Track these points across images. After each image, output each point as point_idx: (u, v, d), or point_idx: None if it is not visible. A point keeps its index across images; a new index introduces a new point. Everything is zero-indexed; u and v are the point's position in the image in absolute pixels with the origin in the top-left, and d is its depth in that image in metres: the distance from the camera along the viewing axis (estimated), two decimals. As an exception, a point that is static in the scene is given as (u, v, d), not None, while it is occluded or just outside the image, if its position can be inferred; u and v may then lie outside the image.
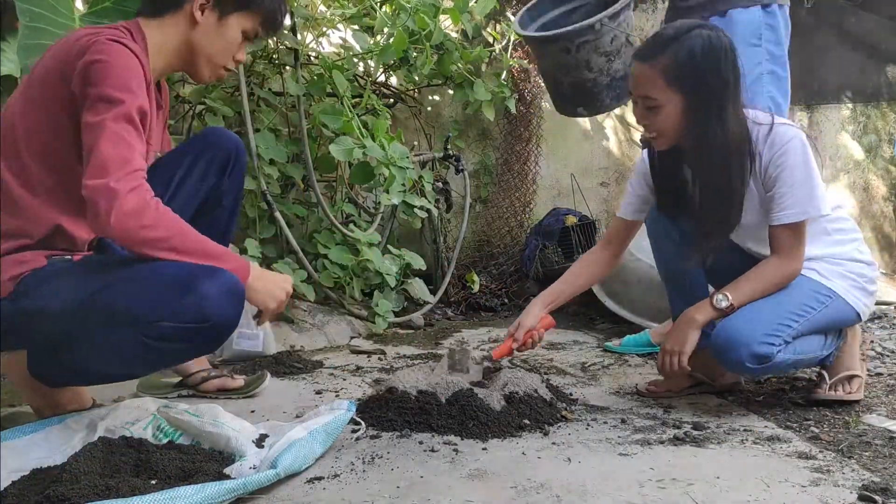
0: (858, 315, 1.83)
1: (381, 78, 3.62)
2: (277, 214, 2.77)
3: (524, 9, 2.78)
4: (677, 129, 1.72)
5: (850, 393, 1.85)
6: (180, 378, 1.95)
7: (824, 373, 1.87)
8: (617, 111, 4.41)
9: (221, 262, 1.43)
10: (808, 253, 1.78)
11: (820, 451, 1.50)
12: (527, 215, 4.03)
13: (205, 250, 1.42)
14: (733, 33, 2.02)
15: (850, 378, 1.87)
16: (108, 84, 1.40)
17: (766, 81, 2.37)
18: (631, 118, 4.37)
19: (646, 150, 1.92)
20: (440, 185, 3.63)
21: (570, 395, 1.96)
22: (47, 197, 1.47)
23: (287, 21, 1.71)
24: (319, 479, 1.35)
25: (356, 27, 3.17)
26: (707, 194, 1.77)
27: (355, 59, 3.19)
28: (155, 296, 1.37)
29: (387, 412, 1.68)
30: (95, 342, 1.40)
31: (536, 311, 1.93)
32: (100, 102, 1.39)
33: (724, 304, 1.73)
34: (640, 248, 2.87)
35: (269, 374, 2.03)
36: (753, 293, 1.74)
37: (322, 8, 3.20)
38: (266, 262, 2.73)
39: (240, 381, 1.98)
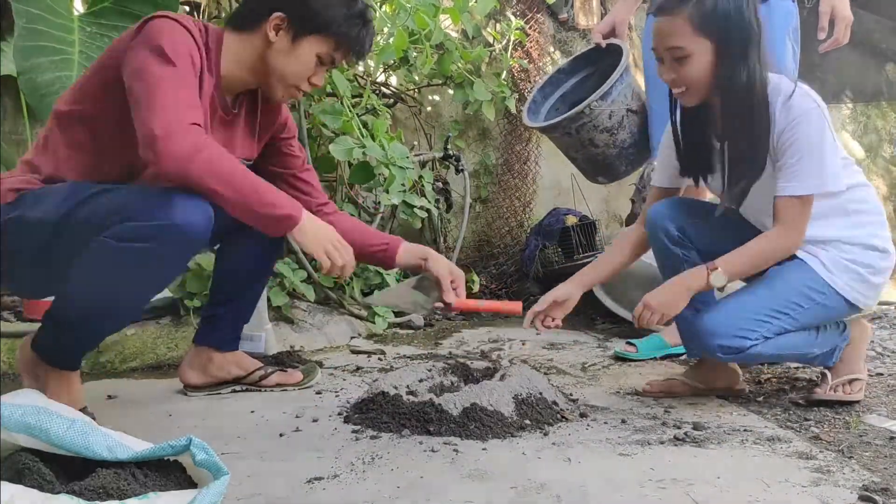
0: (855, 307, 1.81)
1: (381, 78, 3.62)
2: (277, 214, 2.77)
3: (535, 89, 2.79)
4: (707, 78, 1.70)
5: (849, 394, 1.85)
6: (234, 376, 1.99)
7: (827, 373, 1.87)
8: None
9: (273, 207, 1.49)
10: (819, 234, 1.76)
11: (820, 451, 1.50)
12: (527, 215, 4.03)
13: (257, 191, 1.48)
14: (771, 22, 2.02)
15: (852, 380, 1.87)
16: (161, 40, 1.48)
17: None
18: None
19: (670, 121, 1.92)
20: (440, 185, 3.63)
21: (570, 395, 1.96)
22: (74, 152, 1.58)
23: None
24: (319, 479, 1.35)
25: (356, 27, 3.17)
26: (735, 141, 1.74)
27: (355, 59, 3.19)
28: (125, 201, 1.46)
29: (381, 414, 1.67)
30: (69, 260, 1.48)
31: (569, 290, 1.91)
32: (150, 54, 1.47)
33: (719, 282, 1.70)
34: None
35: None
36: (744, 267, 1.72)
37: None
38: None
39: (298, 375, 2.07)
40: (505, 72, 3.76)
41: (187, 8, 3.27)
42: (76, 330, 1.60)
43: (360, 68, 3.34)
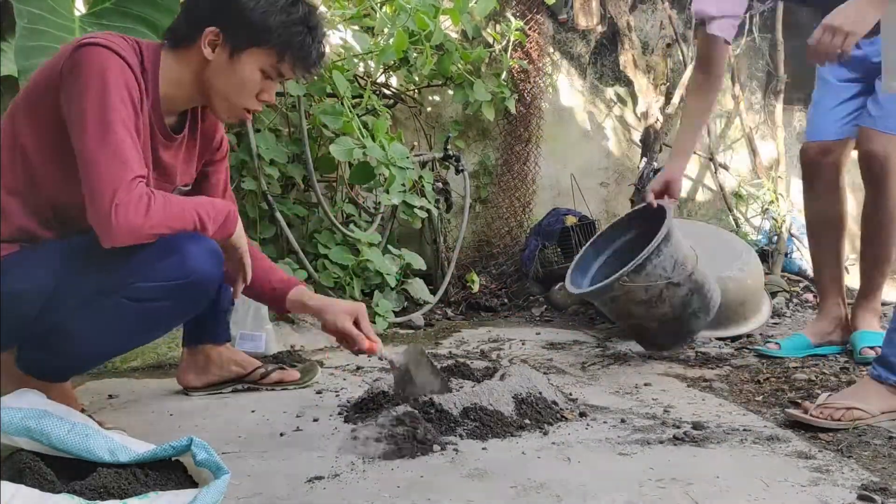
0: None
1: (382, 78, 3.62)
2: (278, 215, 2.78)
3: (587, 244, 2.59)
4: None
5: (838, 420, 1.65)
6: (235, 374, 1.99)
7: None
8: (617, 111, 4.42)
9: (219, 215, 1.48)
10: None
11: (819, 451, 1.50)
12: (527, 215, 4.03)
13: (206, 213, 1.46)
14: None
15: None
16: (99, 77, 1.38)
17: None
18: (631, 119, 4.38)
19: None
20: (440, 185, 3.63)
21: (570, 394, 1.96)
22: (20, 201, 1.47)
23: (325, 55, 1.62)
24: (320, 478, 1.35)
25: (356, 28, 3.17)
26: None
27: (355, 60, 3.20)
28: (135, 260, 1.41)
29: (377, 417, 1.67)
30: (78, 317, 1.43)
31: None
32: (90, 94, 1.37)
33: None
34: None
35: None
36: None
37: (322, 9, 3.21)
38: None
39: (296, 373, 2.07)
40: (505, 72, 3.76)
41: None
42: (72, 361, 1.58)
43: (361, 69, 3.34)
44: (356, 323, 1.70)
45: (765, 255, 4.12)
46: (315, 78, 2.94)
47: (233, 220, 1.54)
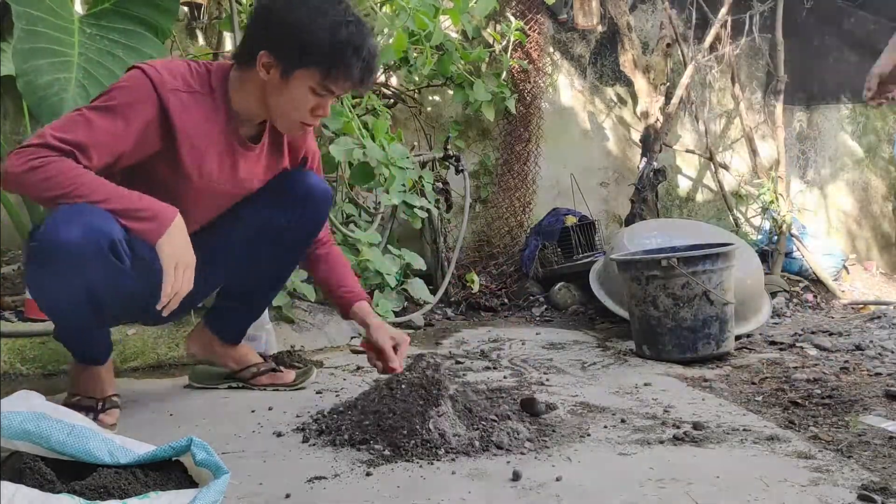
0: None
1: (382, 78, 3.62)
2: (277, 215, 2.77)
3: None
4: None
5: None
6: (230, 370, 2.03)
7: None
8: (617, 111, 4.42)
9: (139, 211, 1.47)
10: None
11: (819, 451, 1.50)
12: (527, 215, 4.04)
13: (116, 195, 1.46)
14: None
15: None
16: (112, 88, 1.53)
17: None
18: (631, 119, 4.38)
19: None
20: (440, 185, 3.63)
21: (574, 395, 1.96)
22: None
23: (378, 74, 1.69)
24: (320, 478, 1.35)
25: (356, 28, 3.17)
26: None
27: (355, 60, 3.19)
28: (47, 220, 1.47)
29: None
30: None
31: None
32: (100, 97, 1.53)
33: None
34: (639, 246, 2.88)
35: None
36: None
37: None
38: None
39: (291, 374, 2.06)
40: (505, 72, 3.76)
41: (186, 8, 3.28)
42: (61, 331, 1.67)
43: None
44: (395, 347, 1.83)
45: (765, 255, 4.13)
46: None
47: (157, 223, 1.48)
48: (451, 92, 3.65)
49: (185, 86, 1.59)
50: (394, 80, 3.75)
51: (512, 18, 3.77)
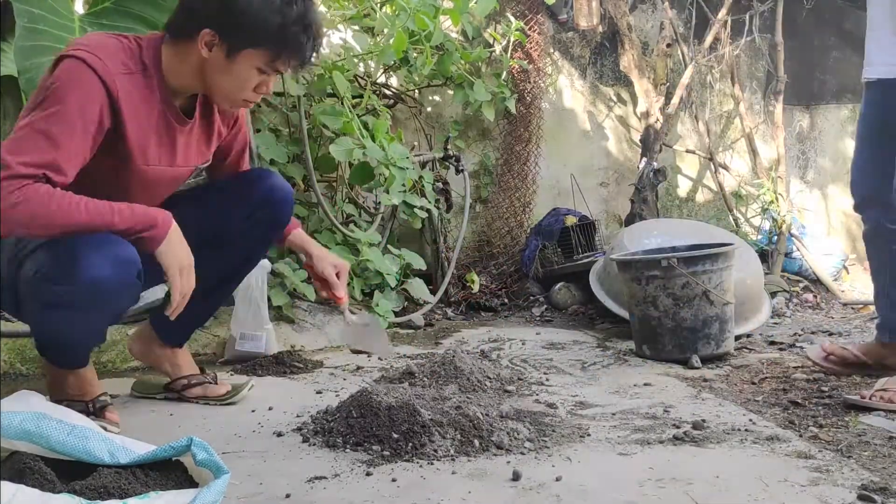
0: None
1: (382, 78, 3.62)
2: (277, 215, 2.76)
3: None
4: None
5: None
6: (168, 380, 1.93)
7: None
8: (617, 111, 4.42)
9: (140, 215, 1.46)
10: None
11: (819, 451, 1.50)
12: (527, 215, 4.04)
13: (109, 211, 1.42)
14: None
15: None
16: (57, 82, 1.42)
17: None
18: (631, 119, 4.38)
19: None
20: (440, 185, 3.63)
21: (574, 395, 1.96)
22: None
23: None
24: (320, 478, 1.35)
25: (356, 28, 3.18)
26: None
27: (355, 60, 3.20)
28: (46, 258, 1.44)
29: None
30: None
31: None
32: (43, 94, 1.42)
33: None
34: (639, 246, 2.87)
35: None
36: None
37: (322, 9, 3.21)
38: (266, 263, 2.74)
39: (225, 387, 1.93)
40: (505, 72, 3.76)
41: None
42: (49, 348, 1.64)
43: (361, 70, 3.34)
44: (337, 275, 1.86)
45: (765, 255, 4.12)
46: (314, 76, 2.95)
47: (156, 231, 1.48)
48: (451, 92, 3.64)
49: (123, 68, 1.50)
50: (394, 80, 3.75)
51: (512, 18, 3.77)
